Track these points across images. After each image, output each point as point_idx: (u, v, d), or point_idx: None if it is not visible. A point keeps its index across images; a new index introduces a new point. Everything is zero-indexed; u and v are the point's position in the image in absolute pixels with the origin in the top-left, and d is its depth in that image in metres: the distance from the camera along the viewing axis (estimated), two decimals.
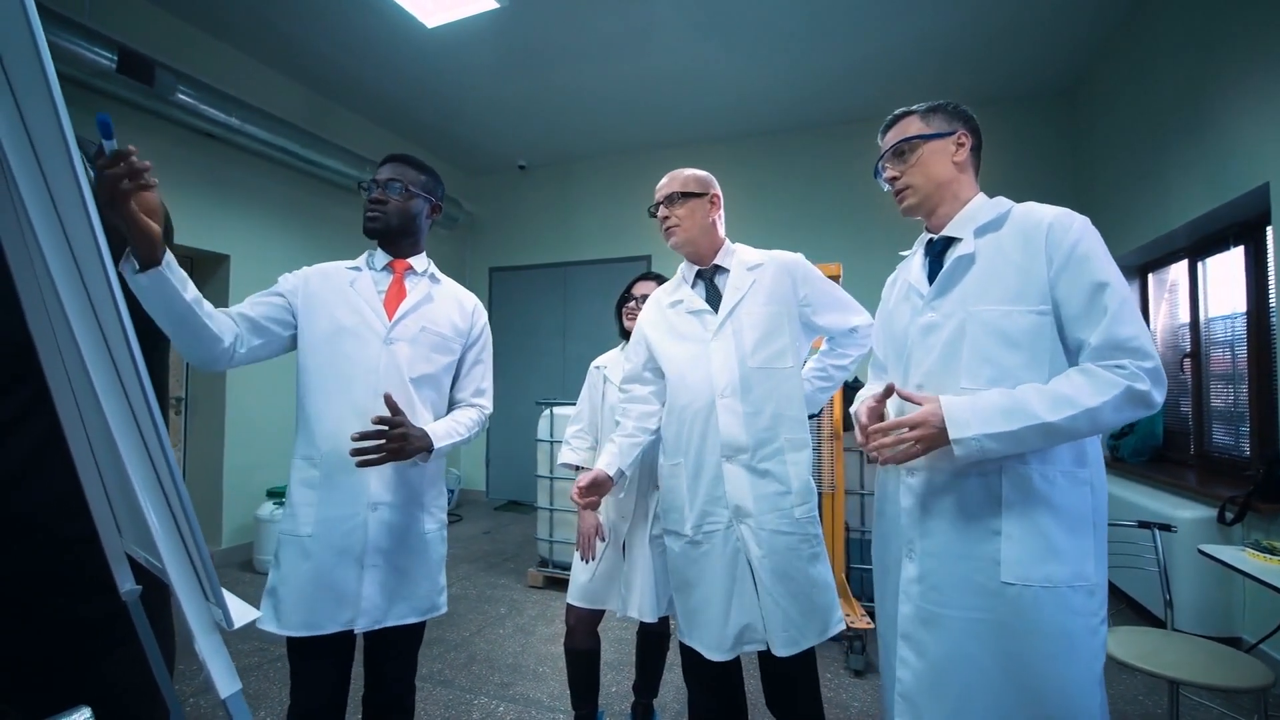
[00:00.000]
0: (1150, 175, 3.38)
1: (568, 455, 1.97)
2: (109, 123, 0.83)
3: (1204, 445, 3.22)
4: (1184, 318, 3.42)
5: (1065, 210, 1.09)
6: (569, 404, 3.46)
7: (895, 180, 1.23)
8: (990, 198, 1.20)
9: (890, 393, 1.15)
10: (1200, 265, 3.28)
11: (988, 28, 3.68)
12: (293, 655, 1.31)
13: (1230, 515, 2.53)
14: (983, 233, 1.14)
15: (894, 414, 1.20)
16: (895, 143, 1.22)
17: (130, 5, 3.37)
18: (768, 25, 3.68)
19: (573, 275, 5.84)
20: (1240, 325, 2.91)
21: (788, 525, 1.41)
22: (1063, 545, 1.04)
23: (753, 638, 1.41)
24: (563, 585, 3.49)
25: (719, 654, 1.42)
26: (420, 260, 1.49)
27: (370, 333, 1.36)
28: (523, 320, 5.97)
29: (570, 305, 5.84)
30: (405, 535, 1.36)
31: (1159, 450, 3.54)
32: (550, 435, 3.61)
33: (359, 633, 1.31)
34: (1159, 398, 0.99)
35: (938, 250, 1.21)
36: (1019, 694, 1.04)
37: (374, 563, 1.31)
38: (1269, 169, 2.44)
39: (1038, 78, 4.26)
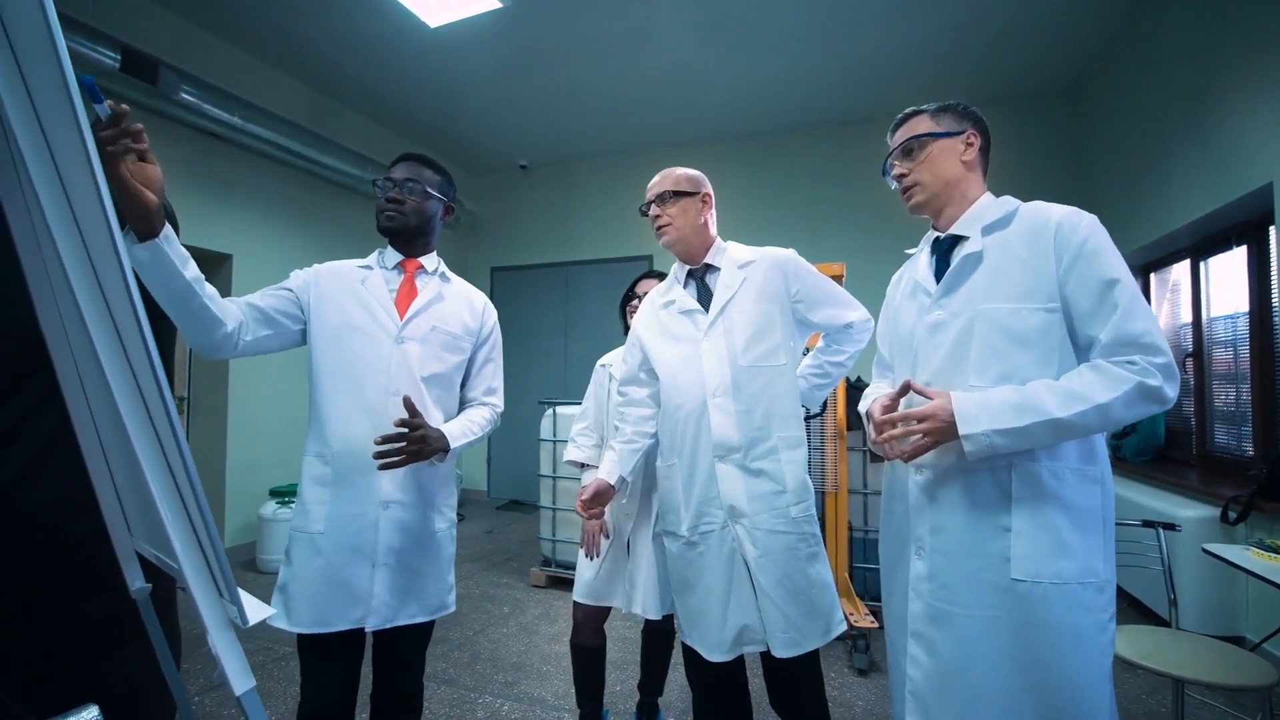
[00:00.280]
0: (1153, 175, 3.38)
1: (573, 453, 1.98)
2: (94, 85, 0.78)
3: (1206, 445, 3.22)
4: (1186, 317, 3.43)
5: (1073, 208, 1.09)
6: (571, 403, 3.46)
7: (904, 177, 1.23)
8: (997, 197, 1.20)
9: (906, 390, 1.14)
10: (1203, 265, 3.28)
11: (989, 28, 3.68)
12: (303, 652, 1.31)
13: (1234, 514, 2.53)
14: (990, 231, 1.14)
15: (904, 409, 1.20)
16: (904, 140, 1.22)
17: (133, 5, 3.37)
18: (769, 26, 3.68)
19: (574, 275, 5.84)
20: (1243, 325, 2.91)
21: (784, 525, 1.39)
22: (1073, 542, 1.04)
23: (752, 639, 1.40)
24: (565, 584, 3.50)
25: (718, 654, 1.41)
26: (431, 259, 1.49)
27: (381, 332, 1.36)
28: (524, 320, 5.97)
29: (572, 305, 5.85)
30: (417, 534, 1.36)
31: (1161, 450, 3.53)
32: (553, 435, 3.61)
33: (369, 631, 1.31)
34: (1171, 393, 0.98)
35: (945, 248, 1.21)
36: (1030, 691, 1.04)
37: (386, 561, 1.31)
38: (1272, 169, 2.44)
39: (1040, 78, 4.26)
